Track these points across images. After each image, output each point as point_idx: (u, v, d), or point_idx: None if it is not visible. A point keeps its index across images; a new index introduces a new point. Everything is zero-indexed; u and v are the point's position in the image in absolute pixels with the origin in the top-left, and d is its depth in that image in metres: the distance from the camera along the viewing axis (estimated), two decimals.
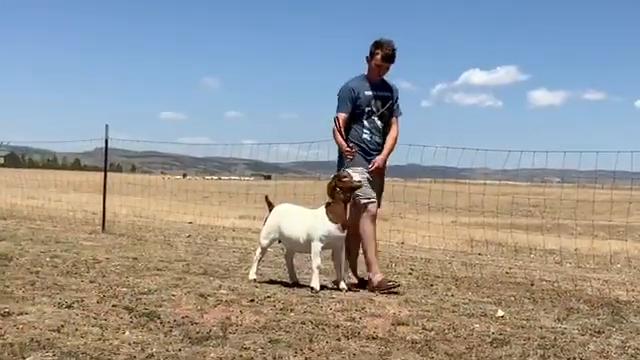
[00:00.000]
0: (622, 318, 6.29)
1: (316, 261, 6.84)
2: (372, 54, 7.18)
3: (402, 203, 10.42)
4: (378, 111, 7.21)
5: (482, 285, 7.90)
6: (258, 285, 7.03)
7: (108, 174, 13.65)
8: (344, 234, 6.86)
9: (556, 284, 8.17)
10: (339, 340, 4.90)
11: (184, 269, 8.03)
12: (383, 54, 7.11)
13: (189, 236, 12.59)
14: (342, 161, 7.21)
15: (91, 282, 6.77)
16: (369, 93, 7.18)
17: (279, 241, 7.34)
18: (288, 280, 7.36)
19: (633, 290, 8.16)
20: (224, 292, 6.51)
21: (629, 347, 5.14)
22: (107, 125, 12.91)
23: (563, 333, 5.50)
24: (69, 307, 5.52)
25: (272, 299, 6.25)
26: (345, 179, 6.78)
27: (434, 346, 4.85)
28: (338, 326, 5.30)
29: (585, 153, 8.26)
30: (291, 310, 5.83)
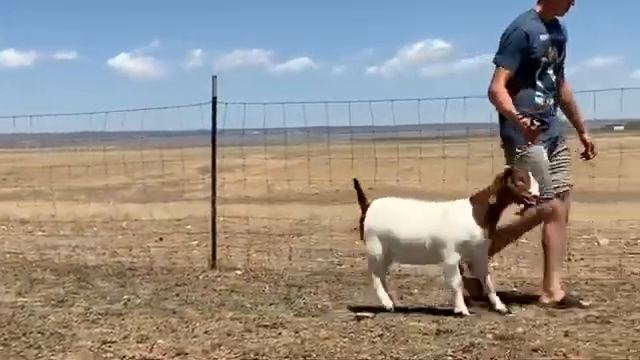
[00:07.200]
0: (88, 284, 6.26)
1: (454, 280, 4.91)
2: None
3: None
4: (554, 61, 5.29)
5: None
6: None
7: None
8: (488, 241, 4.98)
9: (21, 255, 7.82)
10: None
11: None
12: None
13: None
14: (519, 136, 5.10)
15: None
16: (545, 37, 5.20)
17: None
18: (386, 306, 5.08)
19: (104, 254, 8.17)
20: None
21: (91, 313, 5.08)
22: None
23: (23, 307, 5.29)
24: None
25: None
26: (520, 184, 4.81)
27: None
28: None
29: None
30: None
